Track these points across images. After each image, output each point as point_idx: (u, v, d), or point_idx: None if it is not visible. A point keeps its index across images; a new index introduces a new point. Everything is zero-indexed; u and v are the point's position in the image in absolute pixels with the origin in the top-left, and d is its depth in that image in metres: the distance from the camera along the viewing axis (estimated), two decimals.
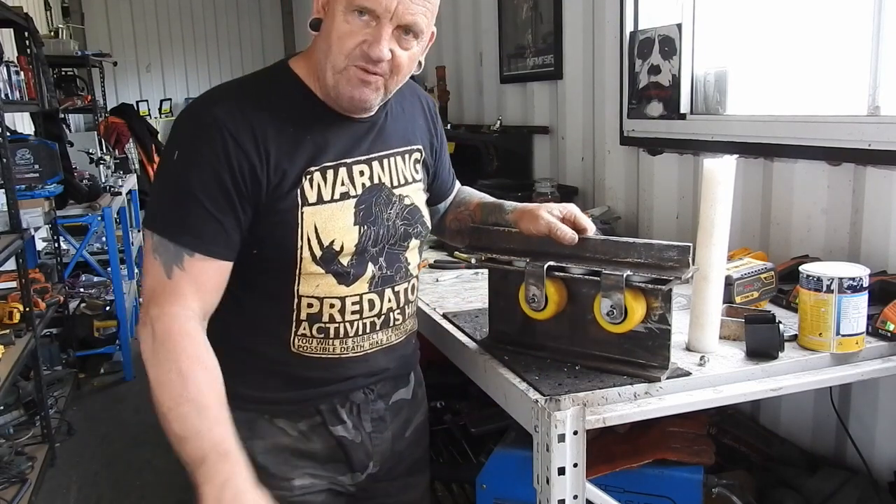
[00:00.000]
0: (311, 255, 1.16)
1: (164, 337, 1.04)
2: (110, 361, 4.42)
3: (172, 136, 1.15)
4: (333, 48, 1.11)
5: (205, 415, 0.98)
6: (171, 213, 1.11)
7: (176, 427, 0.99)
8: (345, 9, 1.09)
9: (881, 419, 1.68)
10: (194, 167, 1.10)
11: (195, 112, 1.15)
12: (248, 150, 1.10)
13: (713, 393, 1.21)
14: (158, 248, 1.09)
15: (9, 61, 3.73)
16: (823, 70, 1.96)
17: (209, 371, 1.04)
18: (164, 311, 1.06)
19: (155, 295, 1.08)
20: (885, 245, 1.65)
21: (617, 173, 2.67)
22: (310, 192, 1.15)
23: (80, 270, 4.85)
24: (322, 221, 1.16)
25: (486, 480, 1.60)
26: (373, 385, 1.30)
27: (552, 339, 1.30)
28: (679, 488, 1.48)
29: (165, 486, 3.09)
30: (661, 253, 1.17)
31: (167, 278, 1.08)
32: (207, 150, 1.09)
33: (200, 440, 0.97)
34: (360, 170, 1.21)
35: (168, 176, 1.14)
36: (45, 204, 3.54)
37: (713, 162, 1.24)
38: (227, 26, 8.71)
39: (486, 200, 1.47)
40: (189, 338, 1.05)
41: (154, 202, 1.14)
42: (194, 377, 1.01)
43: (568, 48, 2.94)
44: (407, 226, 1.27)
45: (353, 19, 1.09)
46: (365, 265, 1.21)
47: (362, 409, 1.29)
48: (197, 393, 1.00)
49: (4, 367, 2.68)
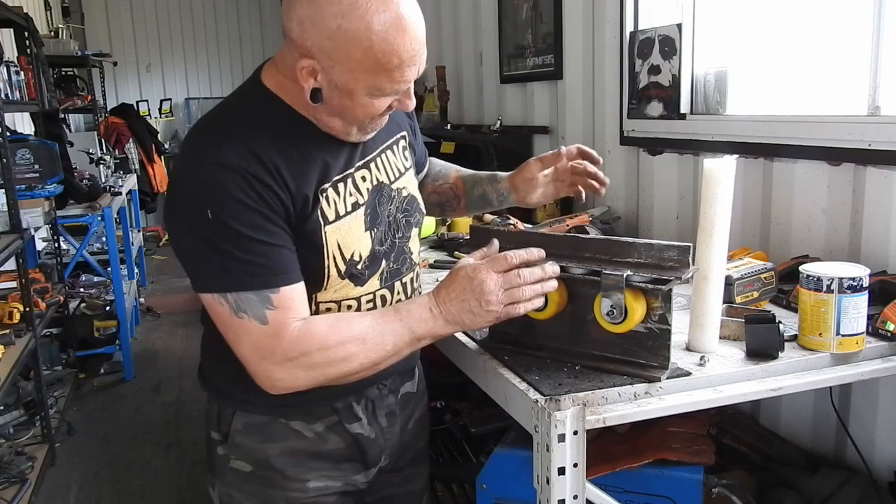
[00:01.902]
0: (337, 271, 1.16)
1: (309, 355, 1.09)
2: (110, 361, 4.43)
3: (189, 192, 1.08)
4: (361, 119, 1.11)
5: (379, 324, 1.12)
6: (237, 266, 1.06)
7: (387, 351, 1.13)
8: (368, 94, 1.07)
9: (881, 419, 1.68)
10: (232, 212, 1.04)
11: (204, 164, 1.07)
12: (269, 184, 1.07)
13: (713, 393, 1.21)
14: (241, 306, 1.06)
15: (9, 61, 3.73)
16: (823, 70, 1.96)
17: (341, 318, 1.14)
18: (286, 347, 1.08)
19: (264, 348, 1.08)
20: (885, 245, 1.65)
21: (617, 173, 2.67)
22: (328, 210, 1.15)
23: (80, 270, 4.85)
24: (342, 236, 1.16)
25: (486, 480, 1.60)
26: (385, 380, 1.31)
27: (552, 339, 1.30)
28: (679, 488, 1.48)
29: (165, 486, 3.09)
30: (661, 253, 1.17)
31: (264, 325, 1.07)
32: (237, 192, 1.04)
33: (397, 336, 1.12)
34: (361, 175, 1.21)
35: (211, 234, 1.05)
36: (45, 204, 3.54)
37: (713, 162, 1.24)
38: (227, 26, 8.71)
39: (466, 173, 1.47)
40: (311, 330, 1.09)
41: (207, 264, 1.08)
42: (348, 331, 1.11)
43: (568, 48, 2.94)
44: (407, 216, 1.28)
45: (380, 97, 1.09)
46: (378, 264, 1.22)
47: (377, 404, 1.30)
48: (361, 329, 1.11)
49: (4, 367, 2.68)
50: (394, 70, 1.05)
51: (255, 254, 1.06)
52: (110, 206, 4.28)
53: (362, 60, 1.03)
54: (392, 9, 1.01)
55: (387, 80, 1.06)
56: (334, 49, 1.02)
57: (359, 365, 1.11)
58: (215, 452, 1.28)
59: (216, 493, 1.31)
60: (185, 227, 1.09)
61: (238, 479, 1.26)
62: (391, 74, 1.05)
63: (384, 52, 1.02)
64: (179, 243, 1.10)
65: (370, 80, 1.05)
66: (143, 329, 5.25)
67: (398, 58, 1.03)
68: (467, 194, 1.44)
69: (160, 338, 5.04)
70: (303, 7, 1.03)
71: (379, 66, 1.03)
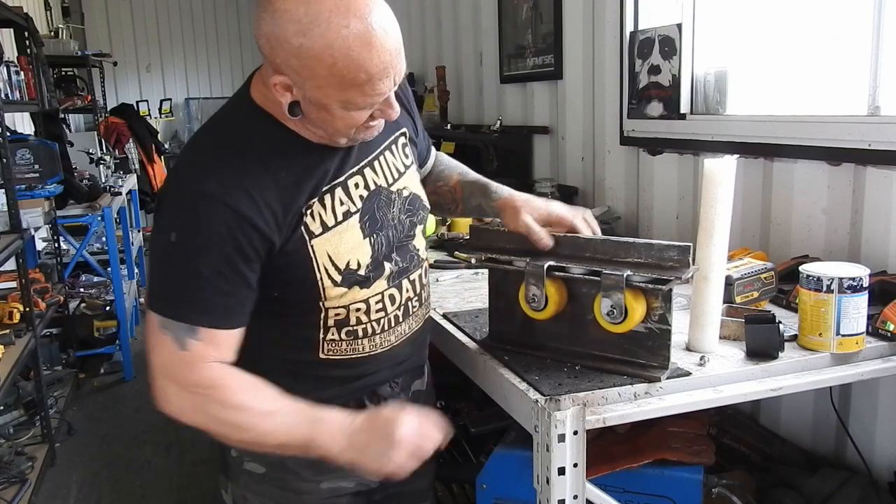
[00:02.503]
0: (332, 281, 1.15)
1: (206, 397, 1.08)
2: (110, 361, 4.42)
3: (165, 216, 1.08)
4: (343, 130, 1.09)
5: (282, 417, 1.08)
6: (178, 295, 1.07)
7: (271, 443, 1.09)
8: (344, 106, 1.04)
9: (881, 419, 1.68)
10: (198, 248, 1.04)
11: (186, 190, 1.07)
12: (250, 217, 1.05)
13: (713, 393, 1.21)
14: (168, 326, 1.06)
15: (9, 61, 3.73)
16: (823, 70, 1.96)
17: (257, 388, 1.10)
18: (191, 380, 1.07)
19: (173, 369, 1.07)
20: (885, 245, 1.65)
21: (617, 173, 2.67)
22: (313, 224, 1.13)
23: (80, 270, 4.85)
24: (333, 247, 1.14)
25: (486, 480, 1.60)
26: (397, 378, 1.31)
27: (552, 339, 1.30)
28: (679, 488, 1.48)
29: (165, 486, 3.09)
30: (661, 253, 1.17)
31: (181, 349, 1.06)
32: (208, 229, 1.04)
33: (295, 433, 1.08)
34: (354, 182, 1.18)
35: (169, 258, 1.07)
36: (45, 204, 3.54)
37: (713, 162, 1.24)
38: (227, 26, 8.71)
39: (467, 178, 1.45)
40: (224, 380, 1.08)
41: (157, 284, 1.09)
42: (252, 404, 1.09)
43: (568, 48, 2.94)
44: (411, 216, 1.27)
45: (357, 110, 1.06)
46: (383, 266, 1.21)
47: (390, 402, 1.30)
48: (263, 410, 1.08)
49: (4, 367, 2.68)
50: (363, 85, 1.01)
51: (202, 294, 1.05)
52: (110, 206, 4.28)
53: (328, 77, 1.00)
54: (354, 24, 0.97)
55: (358, 95, 1.03)
56: (301, 67, 1.00)
57: (239, 440, 1.12)
58: (229, 455, 1.28)
59: (230, 494, 1.31)
60: (156, 244, 1.09)
61: (252, 480, 1.26)
62: (361, 89, 1.02)
63: (349, 68, 0.99)
64: (150, 256, 1.13)
65: (340, 95, 1.02)
66: (143, 329, 5.24)
67: (366, 73, 1.00)
68: (464, 201, 1.43)
69: None
70: (267, 24, 1.00)
71: (346, 82, 1.00)
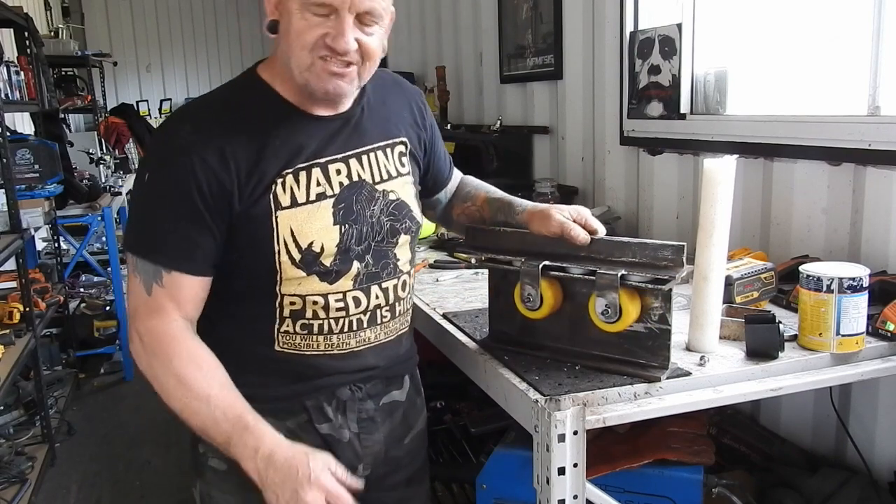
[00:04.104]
0: (290, 258, 1.16)
1: (153, 348, 1.13)
2: (110, 361, 4.42)
3: (146, 156, 1.19)
4: (295, 47, 1.11)
5: (214, 404, 1.09)
6: (146, 233, 1.16)
7: (194, 423, 1.11)
8: (301, 7, 1.09)
9: (881, 419, 1.68)
10: (165, 188, 1.13)
11: (164, 133, 1.18)
12: (214, 168, 1.11)
13: (713, 393, 1.21)
14: (138, 267, 1.14)
15: (9, 61, 3.74)
16: (823, 70, 1.96)
17: (204, 364, 1.13)
18: (147, 326, 1.14)
19: (138, 312, 1.15)
20: (885, 245, 1.65)
21: (617, 173, 2.67)
22: (283, 196, 1.15)
23: (80, 270, 4.85)
24: (298, 224, 1.16)
25: (486, 480, 1.60)
26: (360, 383, 1.29)
27: (552, 339, 1.30)
28: (679, 488, 1.48)
29: (165, 486, 3.09)
30: (655, 252, 1.17)
31: (147, 295, 1.14)
32: (175, 171, 1.12)
33: (218, 426, 1.09)
34: (336, 168, 1.20)
35: (141, 197, 1.18)
36: (45, 204, 3.54)
37: (713, 162, 1.24)
38: (227, 26, 8.72)
39: (494, 196, 1.45)
40: (176, 342, 1.13)
41: (130, 223, 1.18)
42: (192, 376, 1.11)
43: (568, 48, 2.94)
44: (394, 221, 1.26)
45: (310, 16, 1.09)
46: (350, 263, 1.20)
47: (348, 406, 1.28)
48: (199, 389, 1.10)
49: (4, 367, 2.68)
50: None
51: (165, 231, 1.13)
52: (110, 206, 4.28)
53: None
54: None
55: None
56: None
57: (168, 403, 1.13)
58: (196, 451, 1.28)
59: (197, 491, 1.31)
60: (134, 185, 1.22)
61: (217, 478, 1.25)
62: None
63: None
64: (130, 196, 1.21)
65: None
66: None
67: None
68: (492, 218, 1.44)
69: None
70: None
71: None
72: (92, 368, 4.32)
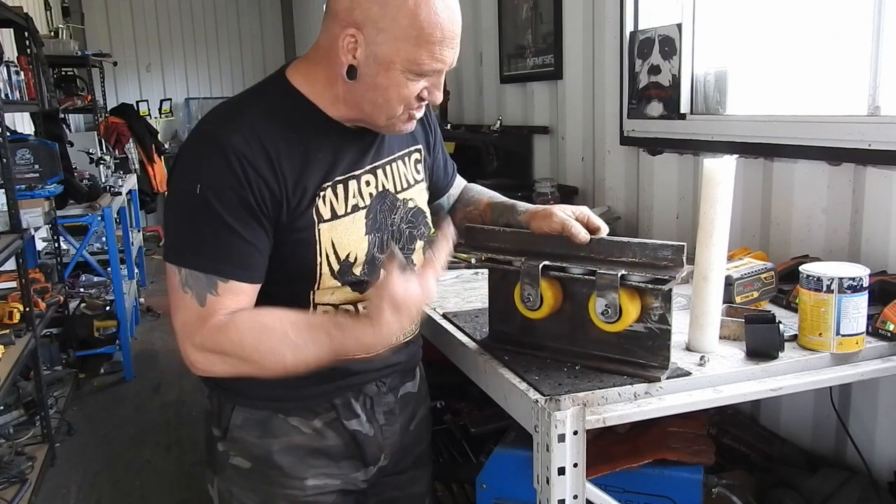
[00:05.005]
0: (330, 269, 1.17)
1: (216, 343, 1.08)
2: (110, 361, 4.43)
3: (188, 165, 1.12)
4: (393, 102, 1.12)
5: (301, 337, 1.06)
6: (201, 243, 1.09)
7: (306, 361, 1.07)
8: (405, 71, 1.09)
9: (881, 419, 1.68)
10: (220, 194, 1.07)
11: (210, 139, 1.11)
12: (265, 176, 1.09)
13: (713, 393, 1.21)
14: (189, 282, 1.09)
15: (9, 61, 3.74)
16: (823, 70, 1.96)
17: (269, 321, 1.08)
18: (203, 333, 1.08)
19: (190, 326, 1.09)
20: (885, 245, 1.65)
21: (617, 173, 2.67)
22: (324, 209, 1.16)
23: (80, 270, 4.85)
24: (338, 236, 1.17)
25: (486, 480, 1.60)
26: (384, 378, 1.32)
27: (552, 339, 1.30)
28: (679, 488, 1.48)
29: (165, 486, 3.09)
30: (655, 252, 1.17)
31: (201, 307, 1.08)
32: (229, 176, 1.07)
33: (320, 348, 1.06)
34: (366, 180, 1.22)
35: (191, 207, 1.10)
36: (45, 204, 3.54)
37: (713, 162, 1.24)
38: (227, 26, 8.72)
39: (496, 200, 1.46)
40: (233, 325, 1.08)
41: (178, 235, 1.11)
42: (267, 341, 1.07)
43: (568, 48, 2.94)
44: (412, 228, 1.29)
45: (414, 77, 1.10)
46: (377, 272, 1.21)
47: (375, 401, 1.31)
48: (280, 341, 1.06)
49: (4, 367, 2.68)
50: (435, 45, 1.07)
51: (223, 240, 1.08)
52: (110, 206, 4.28)
53: (407, 28, 1.05)
54: None
55: (427, 55, 1.07)
56: (381, 15, 1.05)
57: (270, 372, 1.10)
58: (216, 449, 1.28)
59: (216, 489, 1.31)
60: (176, 196, 1.13)
61: (238, 475, 1.26)
62: (431, 49, 1.07)
63: (430, 22, 1.05)
64: (167, 210, 1.15)
65: (411, 52, 1.07)
66: (143, 329, 5.25)
67: (441, 31, 1.06)
68: (494, 221, 1.45)
69: (160, 338, 5.04)
70: None
71: (423, 37, 1.06)
72: (92, 368, 4.32)
